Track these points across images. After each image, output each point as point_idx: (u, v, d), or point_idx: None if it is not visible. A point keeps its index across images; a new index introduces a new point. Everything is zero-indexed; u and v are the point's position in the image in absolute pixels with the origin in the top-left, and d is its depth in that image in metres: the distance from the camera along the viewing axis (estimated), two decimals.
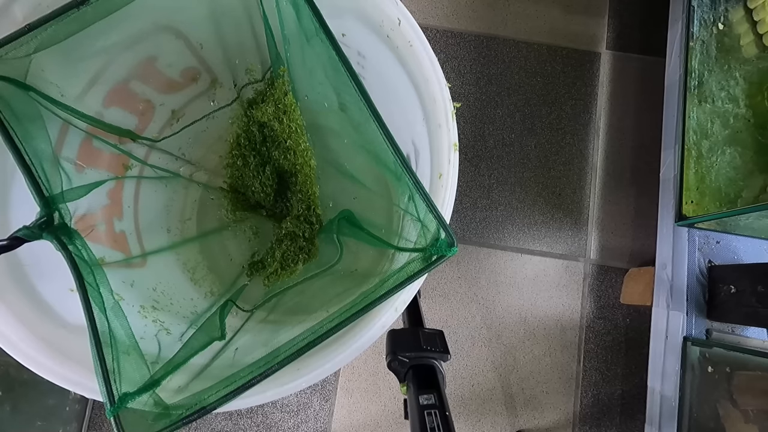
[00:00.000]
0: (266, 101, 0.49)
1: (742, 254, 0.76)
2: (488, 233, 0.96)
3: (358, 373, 0.91)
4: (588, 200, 0.98)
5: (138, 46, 0.41)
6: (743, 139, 0.76)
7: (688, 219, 0.72)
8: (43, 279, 0.37)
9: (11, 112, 0.28)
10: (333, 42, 0.29)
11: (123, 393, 0.26)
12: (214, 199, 0.58)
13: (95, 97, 0.41)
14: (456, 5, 1.03)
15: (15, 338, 0.34)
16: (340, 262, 0.50)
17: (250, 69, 0.50)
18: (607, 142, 1.00)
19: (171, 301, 0.46)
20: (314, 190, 0.54)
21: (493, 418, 0.91)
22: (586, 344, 0.94)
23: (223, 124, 0.54)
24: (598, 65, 1.03)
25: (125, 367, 0.28)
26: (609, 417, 0.92)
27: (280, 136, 0.50)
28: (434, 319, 0.93)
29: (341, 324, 0.28)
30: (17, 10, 0.33)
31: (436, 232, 0.30)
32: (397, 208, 0.47)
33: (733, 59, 0.79)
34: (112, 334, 0.28)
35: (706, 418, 0.69)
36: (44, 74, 0.33)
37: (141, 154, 0.49)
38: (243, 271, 0.55)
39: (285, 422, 0.89)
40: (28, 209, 0.32)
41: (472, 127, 1.00)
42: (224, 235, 0.58)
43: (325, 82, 0.38)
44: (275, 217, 0.56)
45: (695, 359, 0.71)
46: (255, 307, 0.48)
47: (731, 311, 0.71)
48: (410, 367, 0.40)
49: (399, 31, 0.39)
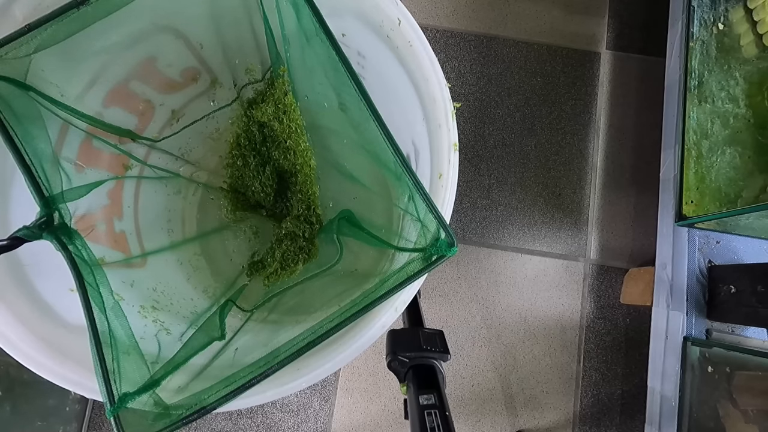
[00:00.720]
0: (266, 101, 0.49)
1: (742, 254, 0.76)
2: (488, 233, 0.97)
3: (358, 373, 0.91)
4: (588, 200, 0.98)
5: (138, 46, 0.41)
6: (743, 139, 0.76)
7: (688, 219, 0.72)
8: (43, 279, 0.37)
9: (11, 112, 0.28)
10: (333, 42, 0.29)
11: (123, 393, 0.26)
12: (214, 199, 0.58)
13: (95, 97, 0.41)
14: (456, 5, 1.03)
15: (15, 338, 0.34)
16: (340, 262, 0.50)
17: (250, 69, 0.50)
18: (607, 142, 1.00)
19: (171, 301, 0.46)
20: (314, 190, 0.54)
21: (493, 418, 0.91)
22: (586, 344, 0.94)
23: (223, 125, 0.54)
24: (598, 65, 1.03)
25: (125, 367, 0.28)
26: (609, 417, 0.92)
27: (280, 136, 0.50)
28: (434, 319, 0.93)
29: (341, 324, 0.28)
30: (17, 10, 0.33)
31: (436, 232, 0.30)
32: (397, 208, 0.47)
33: (733, 59, 0.78)
34: (112, 334, 0.28)
35: (706, 418, 0.69)
36: (44, 74, 0.33)
37: (141, 154, 0.49)
38: (243, 271, 0.55)
39: (285, 422, 0.89)
40: (28, 209, 0.32)
41: (472, 127, 1.00)
42: (224, 235, 0.58)
43: (325, 82, 0.38)
44: (275, 217, 0.56)
45: (695, 359, 0.71)
46: (255, 307, 0.48)
47: (731, 311, 0.71)
48: (410, 367, 0.40)
49: (399, 31, 0.39)
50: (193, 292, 0.51)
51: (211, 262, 0.56)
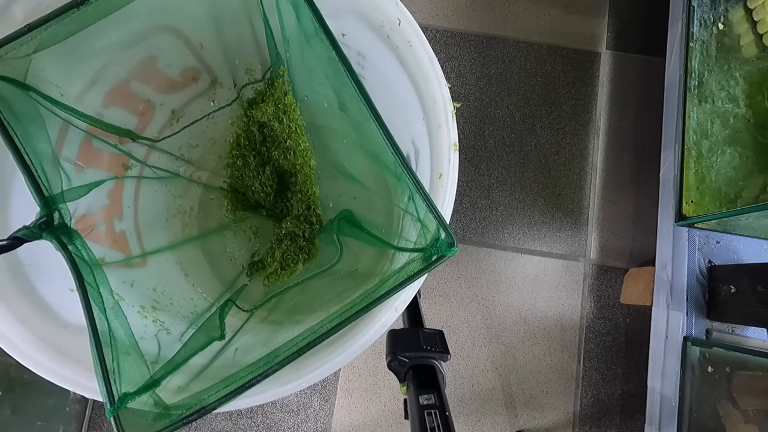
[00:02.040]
0: (266, 101, 0.49)
1: (742, 254, 0.76)
2: (488, 233, 0.96)
3: (358, 373, 0.91)
4: (588, 200, 0.98)
5: (138, 46, 0.41)
6: (743, 139, 0.76)
7: (688, 219, 0.72)
8: (43, 279, 0.37)
9: (11, 112, 0.28)
10: (333, 42, 0.29)
11: (123, 393, 0.26)
12: (213, 198, 0.58)
13: (95, 97, 0.41)
14: (456, 5, 1.03)
15: (15, 338, 0.34)
16: (340, 262, 0.50)
17: (250, 69, 0.50)
18: (607, 142, 1.00)
19: (171, 301, 0.46)
20: (314, 190, 0.54)
21: (493, 418, 0.91)
22: (586, 344, 0.94)
23: (223, 125, 0.54)
24: (598, 65, 1.03)
25: (125, 367, 0.28)
26: (609, 417, 0.92)
27: (280, 136, 0.50)
28: (434, 319, 0.93)
29: (341, 324, 0.27)
30: (17, 10, 0.33)
31: (436, 232, 0.30)
32: (397, 208, 0.47)
33: (733, 59, 0.79)
34: (112, 334, 0.28)
35: (706, 418, 0.69)
36: (44, 74, 0.33)
37: (141, 154, 0.49)
38: (243, 271, 0.55)
39: (285, 422, 0.89)
40: (28, 209, 0.32)
41: (472, 127, 1.00)
42: (224, 235, 0.58)
43: (324, 82, 0.38)
44: (275, 217, 0.56)
45: (695, 359, 0.71)
46: (255, 307, 0.48)
47: (731, 311, 0.71)
48: (410, 367, 0.40)
49: (399, 31, 0.39)
50: (193, 291, 0.51)
51: (211, 262, 0.56)
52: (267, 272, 0.52)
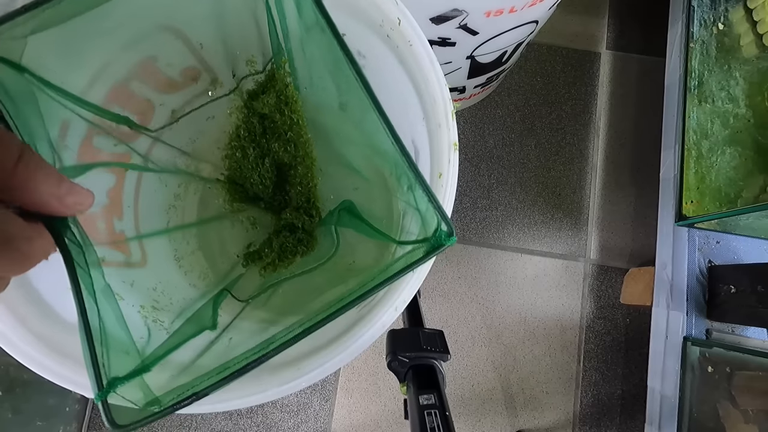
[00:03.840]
0: (267, 92, 0.48)
1: (742, 254, 0.76)
2: (488, 233, 0.96)
3: (358, 373, 0.91)
4: (588, 200, 0.98)
5: (138, 46, 0.41)
6: (743, 139, 0.76)
7: (688, 219, 0.72)
8: (42, 278, 0.37)
9: (4, 90, 0.27)
10: (334, 31, 0.29)
11: (112, 377, 0.25)
12: (210, 188, 0.57)
13: (95, 98, 0.41)
14: None
15: (14, 338, 0.34)
16: (338, 253, 0.50)
17: (251, 60, 0.50)
18: (607, 142, 1.00)
19: (171, 301, 0.46)
20: (314, 182, 0.53)
21: (493, 418, 0.91)
22: (586, 344, 0.94)
23: (224, 119, 0.54)
24: (598, 65, 1.03)
25: (115, 351, 0.27)
26: (609, 417, 0.92)
27: (281, 128, 0.50)
28: (434, 319, 0.93)
29: (339, 311, 0.27)
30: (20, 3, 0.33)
31: (435, 222, 0.30)
32: (396, 198, 0.47)
33: (733, 59, 0.79)
34: (101, 318, 0.27)
35: (706, 418, 0.69)
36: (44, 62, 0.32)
37: (142, 150, 0.48)
38: (239, 261, 0.55)
39: (285, 422, 0.89)
40: None
41: (472, 127, 1.00)
42: (222, 226, 0.57)
43: (325, 73, 0.38)
44: (273, 209, 0.56)
45: (695, 359, 0.71)
46: (250, 298, 0.48)
47: (731, 311, 0.71)
48: (410, 367, 0.40)
49: (399, 31, 0.39)
50: (192, 291, 0.51)
51: (208, 257, 0.55)
52: (264, 263, 0.52)
